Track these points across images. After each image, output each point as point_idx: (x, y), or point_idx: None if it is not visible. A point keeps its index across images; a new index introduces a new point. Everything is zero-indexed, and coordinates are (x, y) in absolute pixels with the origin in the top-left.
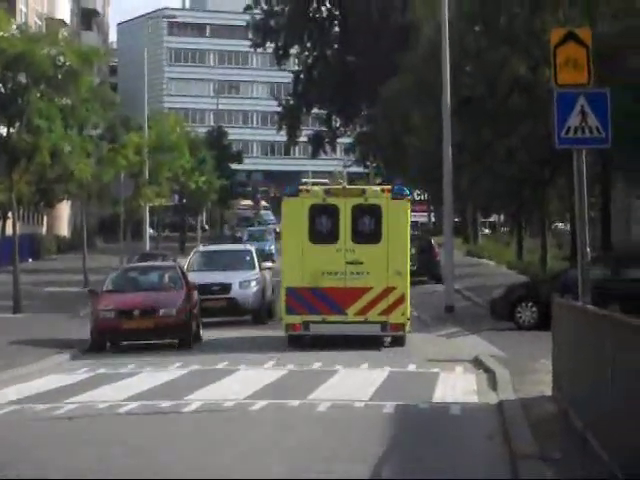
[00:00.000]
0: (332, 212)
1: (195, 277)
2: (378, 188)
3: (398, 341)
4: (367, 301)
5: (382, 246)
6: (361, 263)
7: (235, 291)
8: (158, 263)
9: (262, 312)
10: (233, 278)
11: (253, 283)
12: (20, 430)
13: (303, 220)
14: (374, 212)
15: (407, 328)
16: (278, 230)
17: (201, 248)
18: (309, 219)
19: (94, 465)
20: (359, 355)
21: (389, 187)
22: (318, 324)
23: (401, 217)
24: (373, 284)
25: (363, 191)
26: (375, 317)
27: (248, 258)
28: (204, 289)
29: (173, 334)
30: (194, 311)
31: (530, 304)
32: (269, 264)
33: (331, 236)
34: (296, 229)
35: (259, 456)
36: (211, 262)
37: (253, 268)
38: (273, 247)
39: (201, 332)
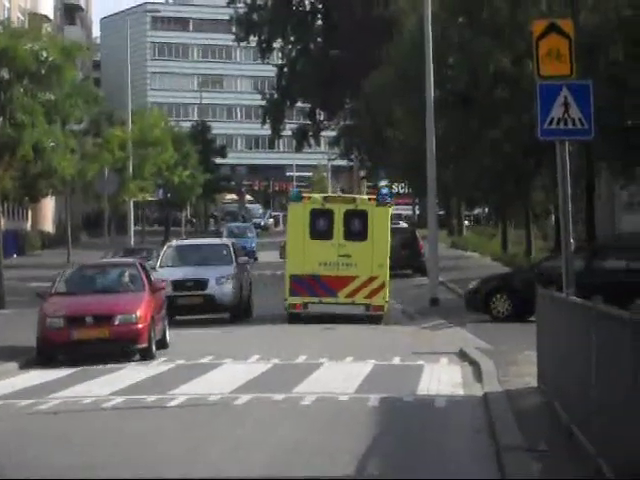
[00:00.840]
0: (329, 215)
1: (168, 273)
2: (366, 197)
3: (377, 319)
4: (354, 287)
5: (367, 243)
6: (350, 256)
7: (212, 287)
8: (116, 260)
9: (240, 309)
10: (209, 274)
11: (231, 279)
12: (4, 425)
13: (305, 221)
14: (362, 216)
15: (385, 309)
16: (263, 224)
17: (174, 242)
18: (310, 220)
19: (79, 460)
20: (344, 348)
21: (375, 197)
22: (315, 304)
23: (383, 220)
24: (359, 273)
25: (354, 199)
26: (361, 300)
27: (225, 252)
28: (178, 285)
29: (132, 344)
30: (159, 315)
31: (504, 296)
32: (245, 259)
33: (327, 234)
34: (299, 228)
35: (244, 450)
36: (185, 257)
37: (230, 263)
38: (254, 244)
39: (168, 337)
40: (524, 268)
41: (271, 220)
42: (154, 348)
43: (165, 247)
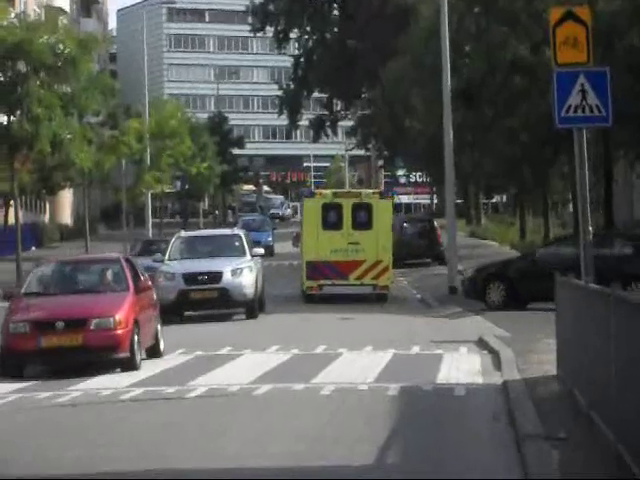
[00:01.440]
0: (338, 208)
1: (179, 266)
2: (370, 191)
3: (383, 297)
4: (363, 270)
5: (372, 232)
6: (358, 244)
7: (226, 280)
8: (98, 256)
9: (255, 304)
10: (223, 266)
11: (246, 271)
12: (23, 418)
13: (317, 214)
14: (367, 208)
15: (389, 289)
16: (281, 214)
17: (183, 233)
18: (322, 213)
19: (99, 452)
20: (363, 338)
21: (379, 190)
22: (329, 286)
23: (386, 212)
24: (366, 258)
25: (359, 193)
26: (368, 281)
27: (237, 244)
28: (190, 279)
29: (109, 353)
30: (146, 319)
31: (499, 284)
32: (260, 250)
33: (337, 225)
34: (313, 220)
35: (263, 441)
36: (196, 249)
37: (244, 254)
38: (270, 238)
39: (162, 345)
40: (521, 256)
41: (289, 210)
42: (138, 358)
43: (174, 238)
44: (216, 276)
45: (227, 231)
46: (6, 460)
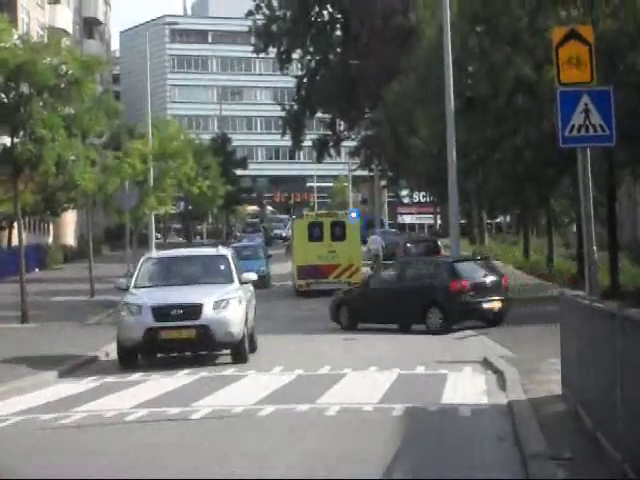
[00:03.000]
0: (320, 225)
1: (147, 296)
2: (344, 212)
3: None
4: (339, 271)
5: (346, 242)
6: (335, 251)
7: (208, 315)
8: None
9: (244, 345)
10: (204, 296)
11: (234, 303)
12: (27, 440)
13: (305, 230)
14: (342, 225)
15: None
16: (285, 235)
17: (154, 254)
18: (308, 229)
19: (103, 474)
20: (367, 358)
21: (349, 211)
22: (315, 284)
23: (356, 228)
24: (341, 262)
25: (336, 214)
26: (344, 279)
27: (223, 267)
28: (161, 313)
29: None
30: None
31: (344, 308)
32: (251, 276)
33: (320, 237)
34: (301, 235)
35: (267, 462)
36: (170, 274)
37: (231, 281)
38: (264, 268)
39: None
40: (362, 282)
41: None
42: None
43: (142, 260)
44: (194, 310)
45: (210, 251)
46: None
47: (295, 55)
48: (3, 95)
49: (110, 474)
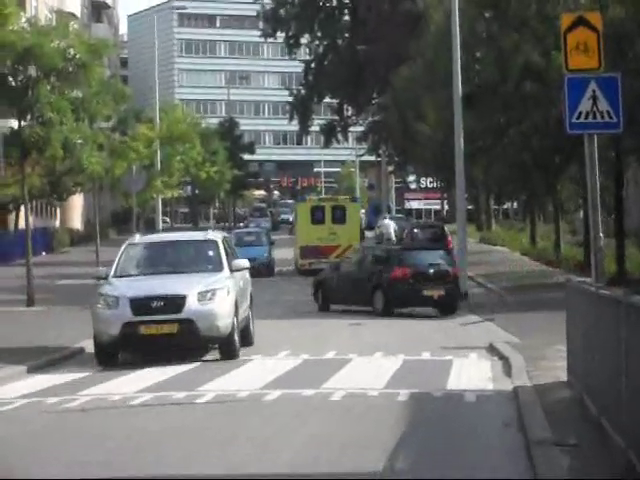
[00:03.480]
0: (322, 209)
1: (125, 286)
2: (344, 197)
3: None
4: (339, 251)
5: (346, 225)
6: (335, 233)
7: (192, 307)
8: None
9: (234, 340)
10: (188, 286)
11: (221, 294)
12: (32, 423)
13: (308, 213)
14: (342, 209)
15: None
16: (292, 220)
17: (137, 238)
18: (310, 212)
19: (108, 458)
20: (373, 343)
21: (351, 196)
22: (316, 263)
23: (355, 211)
24: (341, 243)
25: (337, 199)
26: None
27: (212, 254)
28: (140, 306)
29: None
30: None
31: (320, 289)
32: (243, 262)
33: (321, 220)
34: (304, 218)
35: (272, 446)
36: (153, 261)
37: (220, 269)
38: (267, 254)
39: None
40: (332, 266)
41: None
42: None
43: (124, 246)
44: (177, 302)
45: (198, 235)
46: (12, 466)
47: (303, 40)
48: (11, 78)
49: (112, 459)
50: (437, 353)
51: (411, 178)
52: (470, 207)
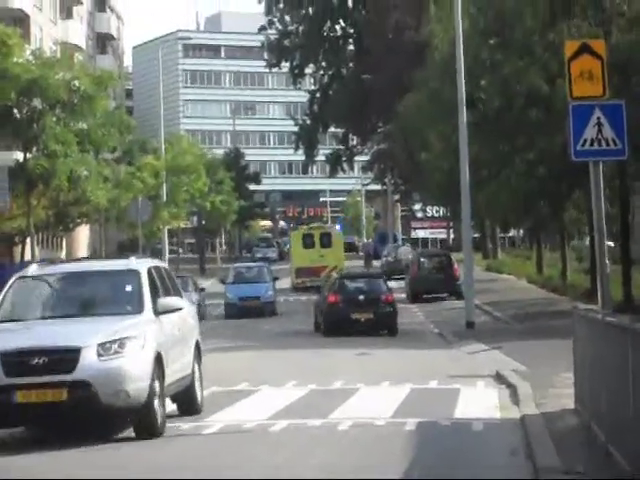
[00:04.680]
0: (312, 235)
1: (4, 337)
2: (330, 225)
3: None
4: (327, 271)
5: (332, 249)
6: (323, 256)
7: (87, 366)
8: None
9: (152, 411)
10: (85, 336)
11: (133, 345)
12: None
13: (300, 239)
14: (328, 235)
15: None
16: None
17: (32, 270)
18: (302, 239)
19: None
20: (380, 373)
21: (334, 225)
22: (309, 282)
23: (340, 237)
24: (329, 264)
25: (324, 227)
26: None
27: (130, 288)
28: (14, 364)
29: None
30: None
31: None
32: (173, 302)
33: (312, 245)
34: (298, 243)
35: (280, 477)
36: (48, 301)
37: (139, 310)
38: (271, 292)
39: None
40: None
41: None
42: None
43: (12, 280)
44: (67, 357)
45: (115, 265)
46: None
47: (308, 70)
48: (16, 110)
49: None
50: (444, 382)
51: (417, 207)
52: (476, 235)
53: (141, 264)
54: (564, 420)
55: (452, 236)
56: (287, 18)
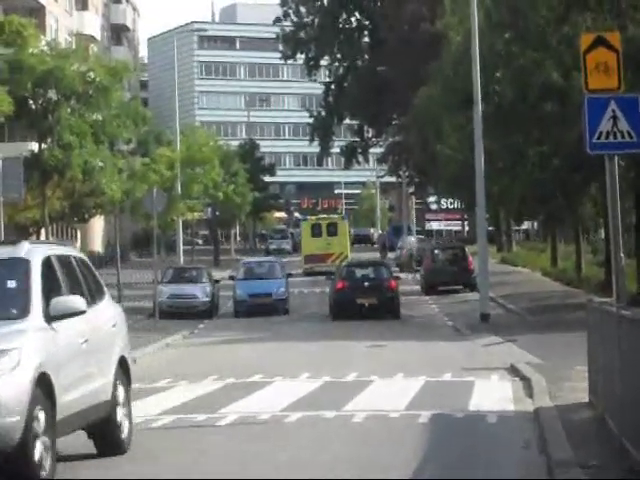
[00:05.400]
0: (320, 225)
1: None
2: (336, 216)
3: None
4: (333, 258)
5: (337, 237)
6: (330, 244)
7: None
8: None
9: (27, 453)
10: None
11: (4, 364)
12: None
13: (309, 229)
14: (334, 225)
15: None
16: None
17: None
18: (311, 228)
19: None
20: (394, 365)
21: (341, 215)
22: (316, 267)
23: (345, 226)
24: (335, 251)
25: (330, 217)
26: (337, 263)
27: (13, 285)
28: None
29: None
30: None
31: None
32: (74, 303)
33: (319, 234)
34: (307, 232)
35: (294, 468)
36: None
37: (22, 314)
38: (284, 289)
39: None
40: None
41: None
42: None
43: None
44: None
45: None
46: None
47: (323, 62)
48: (31, 101)
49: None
50: (458, 374)
51: (432, 199)
52: (490, 228)
53: (34, 251)
54: (578, 413)
55: (467, 228)
56: (302, 10)
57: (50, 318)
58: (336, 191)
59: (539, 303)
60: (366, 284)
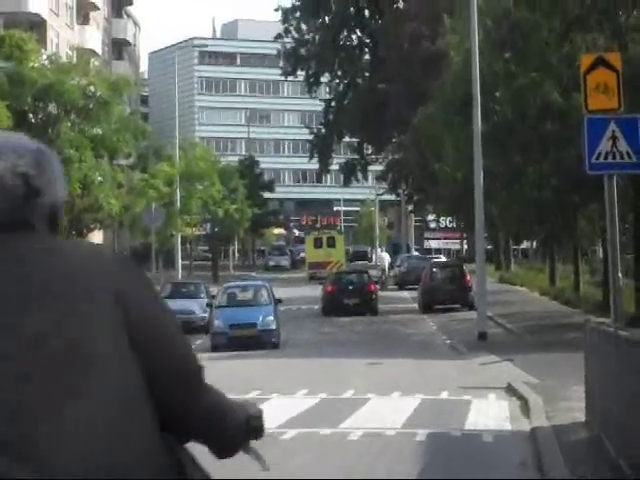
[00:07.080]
0: (321, 239)
1: None
2: (334, 231)
3: None
4: (332, 265)
5: (336, 248)
6: (330, 254)
7: None
8: None
9: None
10: None
11: None
12: None
13: (312, 241)
14: (333, 238)
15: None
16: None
17: None
18: (314, 241)
19: None
20: (391, 383)
21: (338, 230)
22: (318, 273)
23: (341, 240)
24: (333, 259)
25: (330, 232)
26: (335, 269)
27: None
28: None
29: None
30: None
31: None
32: None
33: (320, 245)
34: (310, 244)
35: None
36: None
37: None
38: (272, 318)
39: None
40: None
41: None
42: None
43: None
44: None
45: None
46: None
47: (323, 79)
48: (31, 115)
49: None
50: (455, 393)
51: (431, 217)
52: (489, 247)
53: None
54: (575, 433)
55: (465, 247)
56: (303, 27)
57: None
58: (335, 208)
59: (537, 322)
60: (350, 287)
